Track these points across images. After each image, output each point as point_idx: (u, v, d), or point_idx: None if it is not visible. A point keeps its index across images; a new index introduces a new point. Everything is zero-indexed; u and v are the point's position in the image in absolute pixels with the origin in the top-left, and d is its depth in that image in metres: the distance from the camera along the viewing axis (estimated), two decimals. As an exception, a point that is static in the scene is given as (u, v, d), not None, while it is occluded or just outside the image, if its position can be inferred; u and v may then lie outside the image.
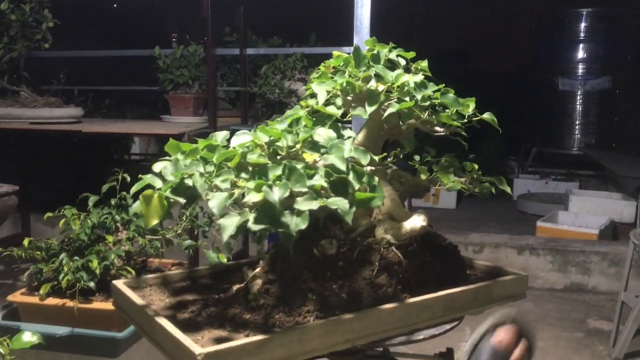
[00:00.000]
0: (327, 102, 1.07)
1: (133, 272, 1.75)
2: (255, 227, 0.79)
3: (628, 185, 5.15)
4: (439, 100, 1.07)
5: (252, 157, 0.86)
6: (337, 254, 0.98)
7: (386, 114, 1.03)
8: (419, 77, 1.08)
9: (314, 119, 1.04)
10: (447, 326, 1.09)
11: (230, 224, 0.80)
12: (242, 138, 0.93)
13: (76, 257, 1.65)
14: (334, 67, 1.19)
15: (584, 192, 5.52)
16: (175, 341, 0.81)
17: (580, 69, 7.13)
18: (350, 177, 0.87)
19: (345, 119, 1.08)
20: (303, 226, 0.80)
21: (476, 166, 1.16)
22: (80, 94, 4.18)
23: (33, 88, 3.40)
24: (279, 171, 0.84)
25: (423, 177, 1.17)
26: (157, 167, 0.89)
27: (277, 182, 0.82)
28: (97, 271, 1.62)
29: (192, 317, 0.95)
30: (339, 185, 0.86)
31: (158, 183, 0.86)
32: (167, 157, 0.92)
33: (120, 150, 4.83)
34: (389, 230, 1.02)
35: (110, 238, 1.76)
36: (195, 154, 0.91)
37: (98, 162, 4.33)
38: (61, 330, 1.58)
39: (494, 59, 8.87)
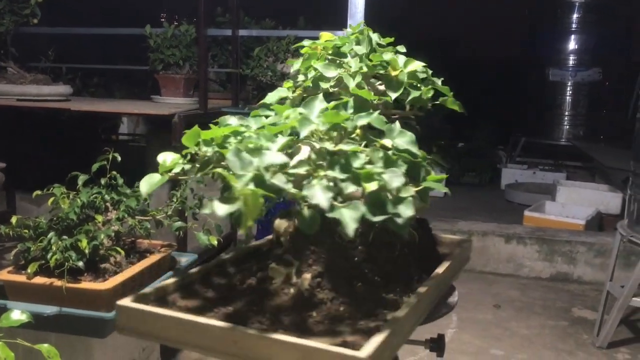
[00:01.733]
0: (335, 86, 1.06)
1: (122, 252, 1.73)
2: (376, 219, 0.75)
3: (615, 176, 5.19)
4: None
5: (343, 147, 0.81)
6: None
7: (410, 97, 1.02)
8: (420, 64, 1.07)
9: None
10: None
11: (353, 216, 0.74)
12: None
13: (65, 237, 1.63)
14: (331, 49, 1.18)
15: (571, 182, 5.56)
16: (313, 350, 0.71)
17: (571, 60, 7.14)
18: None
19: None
20: (411, 214, 0.76)
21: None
22: (69, 71, 4.11)
23: (21, 64, 3.33)
24: (363, 158, 0.79)
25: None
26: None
27: (381, 169, 0.78)
28: (86, 251, 1.60)
29: (244, 319, 0.84)
30: (414, 171, 0.84)
31: (241, 180, 0.75)
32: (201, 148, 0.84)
33: (108, 129, 4.78)
34: None
35: (99, 218, 1.74)
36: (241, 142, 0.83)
37: (86, 142, 4.29)
38: (49, 310, 1.57)
39: (486, 48, 8.85)
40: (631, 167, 2.98)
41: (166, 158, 0.88)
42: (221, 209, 0.73)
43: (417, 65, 1.03)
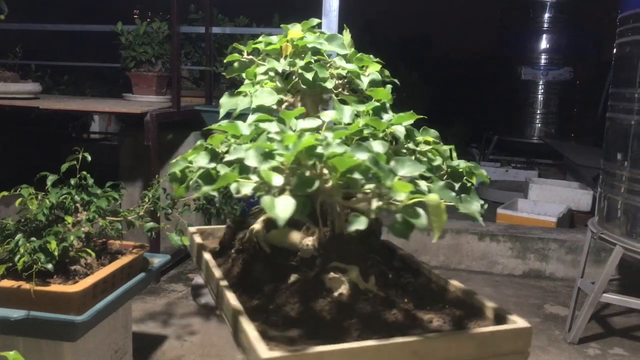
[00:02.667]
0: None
1: (93, 254, 1.70)
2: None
3: (585, 174, 5.28)
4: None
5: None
6: None
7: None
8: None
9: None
10: None
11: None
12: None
13: (33, 238, 1.59)
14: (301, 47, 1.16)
15: (543, 180, 5.63)
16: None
17: (543, 59, 7.24)
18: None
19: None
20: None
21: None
22: (38, 69, 4.03)
23: (-13, 61, 3.26)
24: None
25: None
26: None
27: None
28: (56, 253, 1.56)
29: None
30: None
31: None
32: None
33: (78, 128, 4.70)
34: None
35: (69, 219, 1.70)
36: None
37: (55, 141, 4.21)
38: (16, 314, 1.53)
39: (460, 46, 8.93)
40: (601, 165, 3.02)
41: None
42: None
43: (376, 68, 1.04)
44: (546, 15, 7.16)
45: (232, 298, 0.88)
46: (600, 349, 2.81)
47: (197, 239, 1.20)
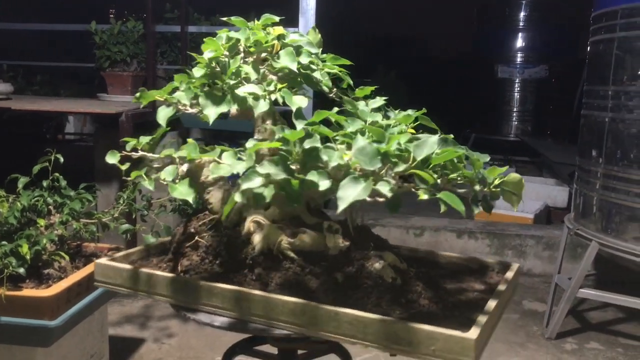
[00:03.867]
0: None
1: (67, 257, 1.67)
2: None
3: (561, 171, 5.34)
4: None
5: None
6: None
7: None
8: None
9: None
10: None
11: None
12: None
13: (4, 242, 1.55)
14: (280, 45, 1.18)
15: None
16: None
17: (519, 57, 7.31)
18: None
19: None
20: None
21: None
22: (10, 69, 3.96)
23: (-43, 61, 3.20)
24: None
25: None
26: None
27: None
28: (28, 256, 1.53)
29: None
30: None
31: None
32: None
33: (53, 129, 4.62)
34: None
35: (42, 222, 1.67)
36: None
37: (29, 142, 4.14)
38: (-13, 319, 1.50)
39: (438, 46, 8.98)
40: (577, 161, 3.06)
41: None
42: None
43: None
44: (521, 14, 7.23)
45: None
46: (577, 343, 2.85)
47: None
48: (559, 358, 2.69)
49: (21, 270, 1.52)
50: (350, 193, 0.87)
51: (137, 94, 1.23)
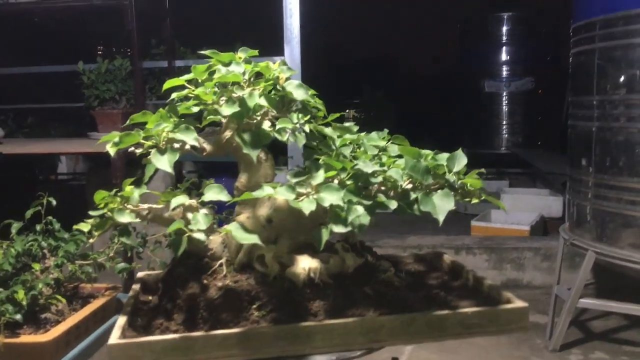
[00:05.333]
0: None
1: (64, 300, 1.66)
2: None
3: (554, 181, 5.36)
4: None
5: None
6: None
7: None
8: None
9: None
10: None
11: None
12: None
13: (0, 289, 1.55)
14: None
15: (514, 189, 5.71)
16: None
17: (505, 71, 7.39)
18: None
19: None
20: None
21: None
22: (1, 113, 3.97)
23: (-53, 109, 3.21)
24: None
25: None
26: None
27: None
28: (24, 302, 1.52)
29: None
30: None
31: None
32: None
33: (46, 170, 4.62)
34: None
35: (37, 266, 1.66)
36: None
37: (22, 185, 4.13)
38: (-14, 368, 1.48)
39: (423, 64, 9.06)
40: (567, 172, 3.08)
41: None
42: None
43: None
44: (504, 28, 7.34)
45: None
46: (582, 354, 2.84)
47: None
48: (564, 370, 2.68)
49: (18, 316, 1.51)
50: (446, 206, 1.05)
51: (116, 139, 1.17)
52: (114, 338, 1.03)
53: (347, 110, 10.23)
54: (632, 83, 2.58)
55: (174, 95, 1.26)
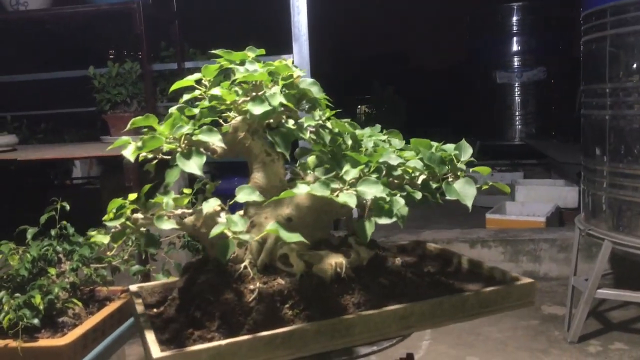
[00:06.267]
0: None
1: (80, 304, 1.67)
2: None
3: (569, 171, 5.32)
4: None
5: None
6: None
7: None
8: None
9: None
10: (386, 343, 1.14)
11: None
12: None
13: (17, 294, 1.57)
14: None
15: (529, 181, 5.67)
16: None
17: (516, 61, 7.33)
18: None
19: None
20: None
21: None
22: (14, 119, 4.01)
23: (-38, 117, 3.25)
24: None
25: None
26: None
27: None
28: (41, 307, 1.54)
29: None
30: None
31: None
32: None
33: (61, 175, 4.66)
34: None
35: (52, 270, 1.68)
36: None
37: (38, 190, 4.17)
38: (6, 373, 1.50)
39: (434, 58, 9.02)
40: (581, 161, 3.05)
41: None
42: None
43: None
44: (514, 19, 7.27)
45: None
46: (601, 345, 2.81)
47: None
48: (583, 361, 2.66)
49: (35, 321, 1.53)
50: (469, 192, 1.14)
51: (139, 143, 1.13)
52: (157, 352, 0.96)
53: (358, 107, 10.22)
54: (644, 70, 2.55)
55: (186, 97, 1.25)
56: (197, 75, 1.25)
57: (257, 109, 1.10)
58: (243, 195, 1.08)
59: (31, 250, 1.66)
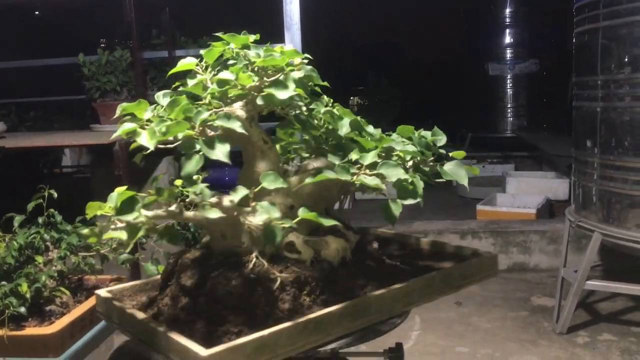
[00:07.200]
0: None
1: (68, 292, 1.66)
2: None
3: (560, 163, 5.33)
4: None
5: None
6: None
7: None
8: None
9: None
10: (398, 320, 1.14)
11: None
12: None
13: (3, 282, 1.55)
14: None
15: (520, 173, 5.68)
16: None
17: (508, 53, 7.33)
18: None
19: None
20: None
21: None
22: (2, 107, 3.97)
23: (-51, 104, 3.21)
24: None
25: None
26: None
27: None
28: (28, 295, 1.52)
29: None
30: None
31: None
32: None
33: (50, 163, 4.62)
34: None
35: (40, 259, 1.66)
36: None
37: (27, 178, 4.14)
38: (-8, 361, 1.49)
39: (427, 49, 9.00)
40: (572, 153, 3.05)
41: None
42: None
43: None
44: (507, 10, 7.27)
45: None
46: (589, 336, 2.83)
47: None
48: (571, 352, 2.67)
49: (22, 309, 1.51)
50: (462, 173, 1.17)
51: (163, 128, 1.03)
52: (202, 350, 0.90)
53: (351, 98, 10.18)
54: (636, 61, 2.55)
55: (191, 82, 1.19)
56: (192, 60, 1.22)
57: (283, 94, 1.08)
58: (269, 182, 1.05)
59: (18, 238, 1.64)
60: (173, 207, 1.03)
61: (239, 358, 0.91)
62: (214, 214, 1.00)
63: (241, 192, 1.03)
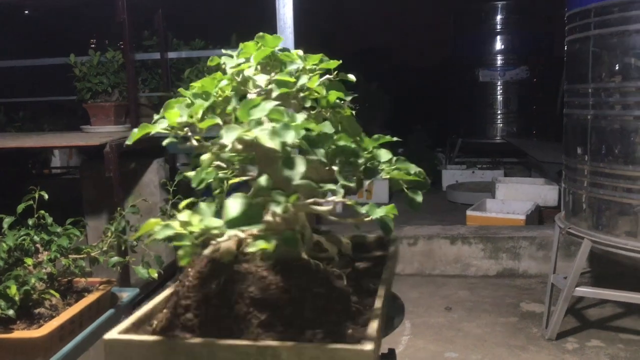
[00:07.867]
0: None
1: (57, 295, 1.65)
2: None
3: (549, 170, 5.36)
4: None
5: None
6: None
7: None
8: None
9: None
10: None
11: None
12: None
13: (-8, 284, 1.53)
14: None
15: (509, 179, 5.70)
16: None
17: (499, 60, 7.36)
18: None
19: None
20: None
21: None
22: (-9, 107, 3.94)
23: (-63, 103, 3.17)
24: None
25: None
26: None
27: None
28: (16, 297, 1.51)
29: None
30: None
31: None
32: None
33: (39, 164, 4.59)
34: None
35: (29, 260, 1.65)
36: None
37: (15, 179, 4.10)
38: (-20, 365, 1.47)
39: (418, 55, 9.03)
40: (563, 160, 3.07)
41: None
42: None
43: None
44: (498, 17, 7.31)
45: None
46: (578, 342, 2.84)
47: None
48: (560, 358, 2.68)
49: (10, 312, 1.50)
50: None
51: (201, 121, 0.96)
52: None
53: (341, 102, 10.16)
54: (627, 70, 2.57)
55: (226, 73, 1.15)
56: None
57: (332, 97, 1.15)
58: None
59: (7, 239, 1.63)
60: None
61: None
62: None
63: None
